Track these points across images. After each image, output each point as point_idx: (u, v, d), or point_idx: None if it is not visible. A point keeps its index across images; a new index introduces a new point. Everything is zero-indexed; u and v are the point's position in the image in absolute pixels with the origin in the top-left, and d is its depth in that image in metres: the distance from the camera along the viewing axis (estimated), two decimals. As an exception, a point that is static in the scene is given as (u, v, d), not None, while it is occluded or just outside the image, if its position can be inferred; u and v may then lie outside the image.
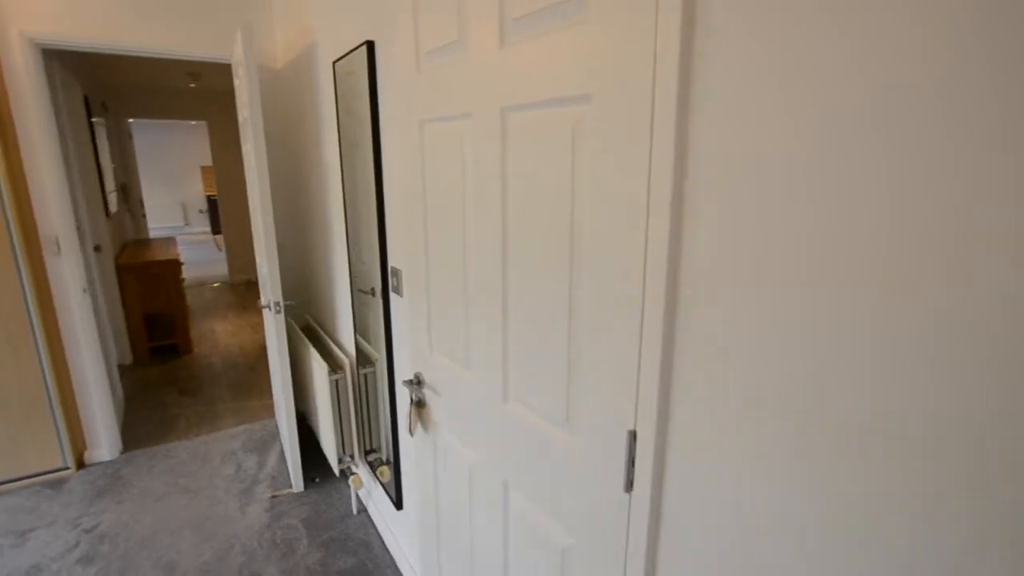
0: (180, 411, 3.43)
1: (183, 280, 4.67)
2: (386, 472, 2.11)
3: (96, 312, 3.10)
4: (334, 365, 2.28)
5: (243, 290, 6.87)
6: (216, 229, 11.79)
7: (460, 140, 1.10)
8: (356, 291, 2.16)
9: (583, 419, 0.89)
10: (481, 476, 1.22)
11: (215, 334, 5.09)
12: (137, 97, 6.06)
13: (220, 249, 9.79)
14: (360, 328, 2.16)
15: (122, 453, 2.92)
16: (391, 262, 1.69)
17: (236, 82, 2.17)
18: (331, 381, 2.20)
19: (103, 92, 5.39)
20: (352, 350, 2.29)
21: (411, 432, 1.46)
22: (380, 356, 1.92)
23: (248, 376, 4.01)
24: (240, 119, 2.20)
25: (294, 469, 2.52)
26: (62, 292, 2.64)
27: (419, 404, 1.45)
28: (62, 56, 3.35)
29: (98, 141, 4.40)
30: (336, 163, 2.14)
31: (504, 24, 0.93)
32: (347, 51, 1.79)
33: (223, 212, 6.95)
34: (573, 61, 0.79)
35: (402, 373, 1.78)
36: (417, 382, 1.44)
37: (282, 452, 2.89)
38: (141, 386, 3.85)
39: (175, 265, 4.52)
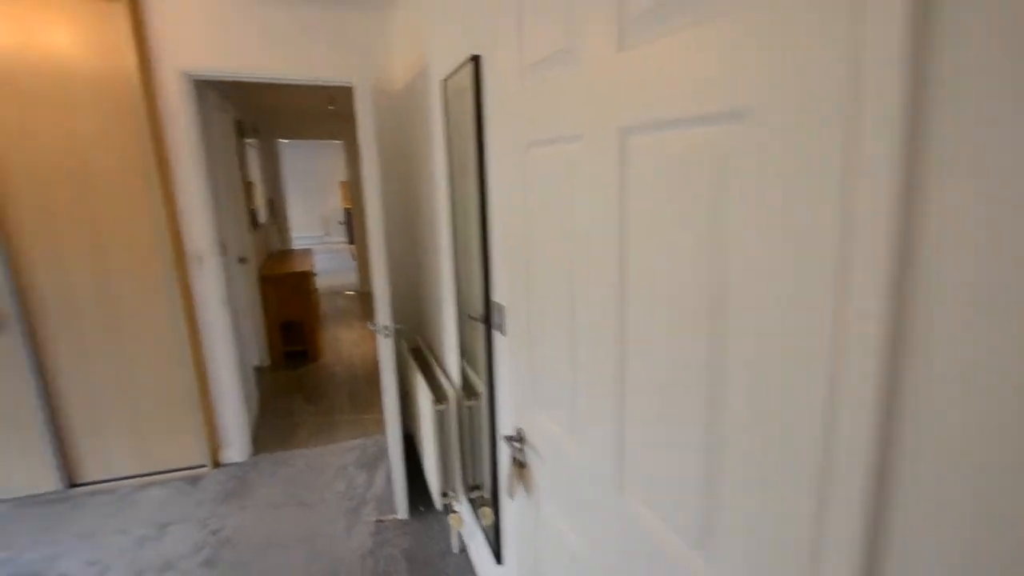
0: (303, 419, 3.60)
1: (316, 290, 4.98)
2: (488, 514, 1.97)
3: (239, 318, 3.35)
4: (439, 395, 2.20)
5: (370, 299, 7.25)
6: (352, 239, 12.74)
7: (568, 166, 0.91)
8: (464, 316, 2.05)
9: (728, 544, 0.65)
10: None
11: (340, 342, 5.37)
12: (284, 120, 6.65)
13: (355, 259, 10.53)
14: (467, 355, 2.05)
15: (251, 456, 3.10)
16: (494, 296, 1.54)
17: (356, 106, 2.18)
18: (435, 412, 2.11)
19: (255, 116, 5.96)
20: (457, 378, 2.18)
21: (511, 494, 1.28)
22: (484, 390, 1.78)
23: (366, 389, 4.13)
24: (359, 141, 2.22)
25: (399, 496, 2.47)
26: (204, 303, 2.86)
27: (520, 464, 1.27)
28: (219, 86, 3.70)
29: (249, 160, 4.85)
30: (445, 184, 2.05)
31: (622, 21, 0.72)
32: (455, 68, 1.67)
33: (356, 225, 7.40)
34: (721, 65, 0.56)
35: (504, 418, 1.62)
36: (518, 439, 1.26)
37: (390, 473, 2.88)
38: (273, 390, 4.13)
39: (309, 277, 4.82)
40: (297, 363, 4.74)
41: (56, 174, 2.49)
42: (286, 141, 7.37)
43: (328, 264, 9.76)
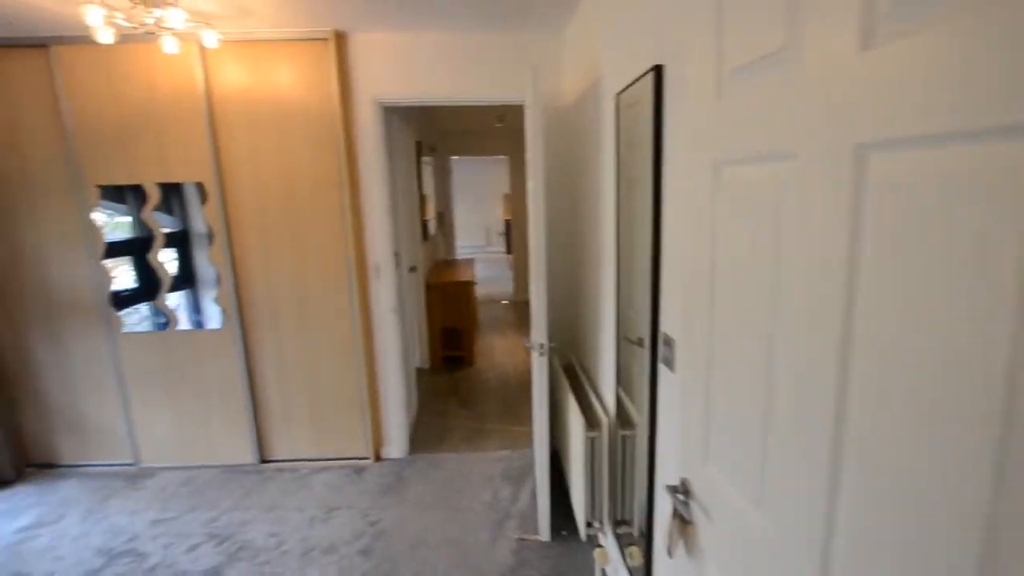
0: (456, 423, 3.75)
1: (476, 299, 5.20)
2: (636, 555, 1.82)
3: (405, 323, 3.61)
4: (592, 420, 2.10)
5: (524, 308, 7.42)
6: (509, 249, 13.22)
7: (775, 189, 0.76)
8: (622, 339, 1.94)
9: None
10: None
11: (494, 350, 5.54)
12: (457, 138, 7.12)
13: (512, 269, 10.90)
14: (623, 381, 1.93)
15: (408, 454, 3.29)
16: (663, 327, 1.41)
17: (525, 123, 2.21)
18: (586, 439, 2.02)
19: (432, 136, 6.46)
20: (612, 404, 2.07)
21: (669, 552, 1.14)
22: (641, 422, 1.65)
23: (515, 399, 4.19)
24: (527, 157, 2.24)
25: (543, 518, 2.42)
26: (378, 310, 3.12)
27: (684, 520, 1.12)
28: (402, 111, 4.04)
29: (424, 177, 5.24)
30: (612, 200, 1.96)
31: (869, 13, 0.57)
32: (632, 80, 1.58)
33: (515, 236, 7.64)
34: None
35: (666, 463, 1.47)
36: (683, 492, 1.12)
37: (535, 490, 2.85)
38: (431, 391, 4.37)
39: (470, 286, 5.05)
40: (454, 367, 4.98)
41: (271, 193, 2.89)
42: (456, 158, 7.88)
43: (486, 273, 10.24)
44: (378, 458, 3.23)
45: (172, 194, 2.94)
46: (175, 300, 3.07)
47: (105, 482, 3.05)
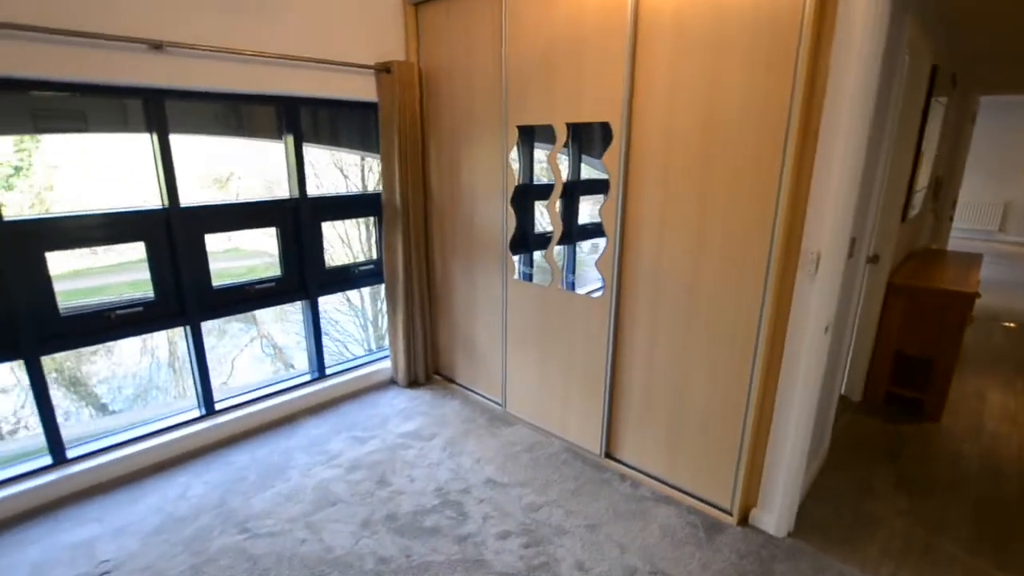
0: (884, 515, 2.41)
1: (972, 318, 3.32)
2: None
3: (841, 335, 2.43)
4: None
5: (1056, 348, 4.61)
6: (1042, 242, 8.85)
7: None
8: None
9: None
10: None
11: (984, 404, 3.53)
12: (999, 65, 4.61)
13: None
14: None
15: (790, 534, 2.25)
16: None
17: None
18: None
19: (958, 62, 4.31)
20: None
21: None
22: None
23: (1013, 513, 2.44)
24: None
25: None
26: (801, 322, 2.06)
27: None
28: (926, 15, 2.55)
29: (929, 126, 3.49)
30: None
31: None
32: None
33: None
34: None
35: None
36: None
37: None
38: (853, 440, 3.02)
39: (967, 300, 3.22)
40: (902, 414, 3.38)
41: (682, 141, 2.14)
42: (988, 98, 5.23)
43: (994, 274, 7.01)
44: (744, 521, 2.32)
45: (579, 138, 2.56)
46: (559, 256, 2.78)
47: (476, 413, 3.18)
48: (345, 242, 5.02)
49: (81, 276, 3.18)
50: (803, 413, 2.14)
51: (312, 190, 3.10)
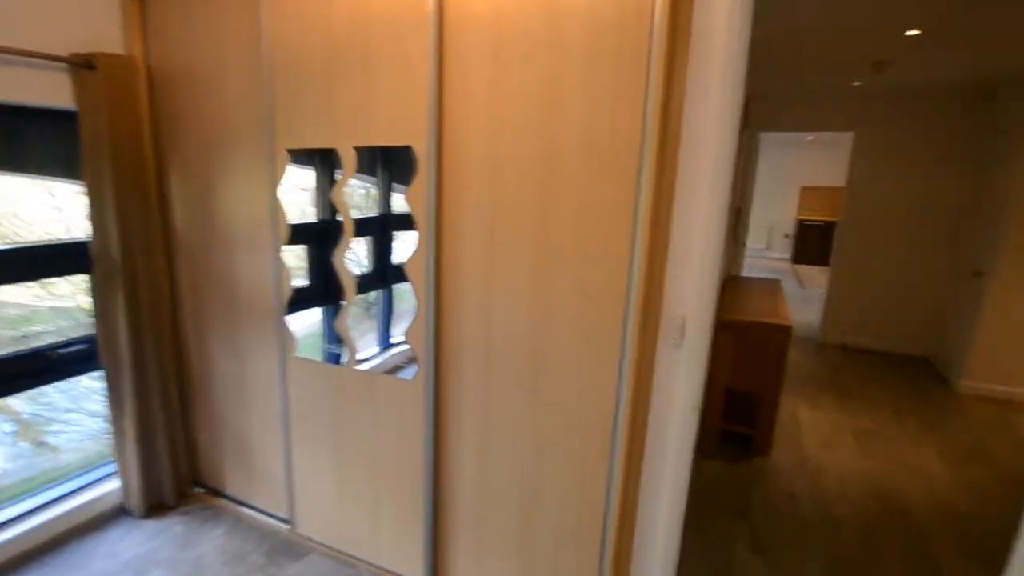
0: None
1: (784, 352, 3.34)
2: None
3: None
4: None
5: (838, 360, 5.13)
6: (797, 258, 10.44)
7: None
8: None
9: None
10: None
11: (800, 430, 3.62)
12: (780, 105, 5.10)
13: (802, 285, 8.35)
14: None
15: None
16: None
17: None
18: None
19: (753, 98, 4.60)
20: None
21: None
22: None
23: (854, 552, 2.32)
24: None
25: None
26: (666, 401, 1.63)
27: None
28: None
29: (739, 156, 3.51)
30: None
31: None
32: None
33: (841, 241, 5.34)
34: None
35: None
36: None
37: None
38: (699, 495, 2.76)
39: (785, 332, 3.22)
40: (737, 453, 3.28)
41: (512, 169, 1.59)
42: (767, 134, 5.82)
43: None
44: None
45: (388, 164, 1.90)
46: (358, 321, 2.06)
47: (251, 545, 2.26)
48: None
49: None
50: (673, 503, 1.72)
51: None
